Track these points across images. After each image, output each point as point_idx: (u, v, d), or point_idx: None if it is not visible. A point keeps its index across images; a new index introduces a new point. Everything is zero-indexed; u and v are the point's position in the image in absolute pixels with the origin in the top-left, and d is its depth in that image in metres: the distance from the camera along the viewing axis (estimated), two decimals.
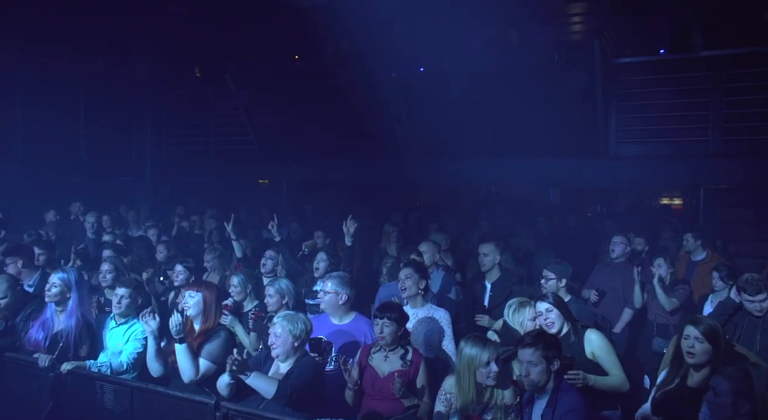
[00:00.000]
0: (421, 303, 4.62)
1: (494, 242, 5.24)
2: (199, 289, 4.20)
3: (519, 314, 4.18)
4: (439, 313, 4.55)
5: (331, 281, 4.37)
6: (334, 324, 4.38)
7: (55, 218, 9.17)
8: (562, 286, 4.79)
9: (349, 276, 4.56)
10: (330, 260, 5.81)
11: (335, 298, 4.33)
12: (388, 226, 7.46)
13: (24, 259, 5.62)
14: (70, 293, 4.62)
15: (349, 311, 4.42)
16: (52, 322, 4.65)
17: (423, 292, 4.62)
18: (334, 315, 4.39)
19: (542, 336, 3.34)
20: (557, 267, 4.86)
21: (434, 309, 4.60)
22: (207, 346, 4.02)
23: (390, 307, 3.97)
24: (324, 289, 4.38)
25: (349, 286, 4.38)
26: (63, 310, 4.62)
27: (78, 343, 4.57)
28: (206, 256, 6.50)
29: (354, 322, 4.38)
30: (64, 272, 4.71)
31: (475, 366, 3.44)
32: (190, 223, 9.58)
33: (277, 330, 3.78)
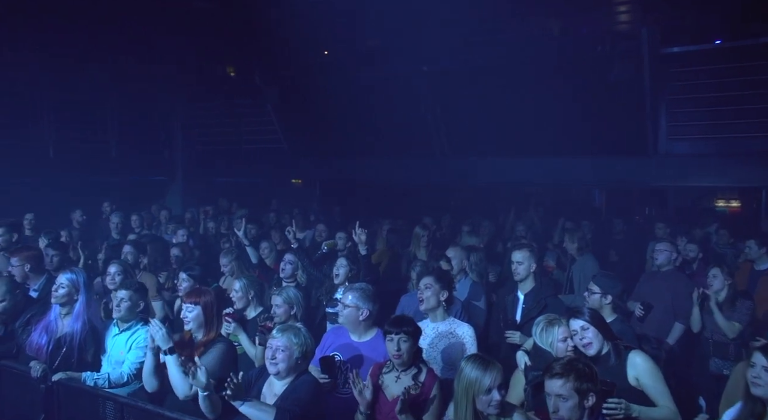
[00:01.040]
0: (441, 316, 4.17)
1: (529, 249, 4.71)
2: (198, 300, 3.86)
3: (547, 334, 3.67)
4: (463, 329, 4.08)
5: (352, 294, 3.95)
6: (352, 340, 3.96)
7: (81, 218, 9.08)
8: (607, 303, 4.24)
9: (372, 289, 4.11)
10: (350, 266, 5.45)
11: (355, 313, 3.91)
12: (418, 229, 7.04)
13: (32, 262, 5.38)
14: (77, 295, 4.38)
15: (370, 328, 3.98)
16: (55, 325, 4.41)
17: (445, 305, 4.15)
18: (354, 331, 3.97)
19: (574, 365, 2.80)
20: (604, 280, 4.30)
21: (457, 324, 4.14)
22: (203, 359, 3.67)
23: (405, 320, 3.53)
24: (344, 301, 3.96)
25: (371, 301, 3.94)
26: (68, 313, 4.39)
27: (83, 348, 4.32)
28: (222, 259, 6.18)
29: (374, 341, 3.93)
30: (72, 273, 4.47)
31: (474, 392, 2.96)
32: (216, 223, 9.35)
33: (280, 343, 3.37)
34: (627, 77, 8.08)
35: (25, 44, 9.82)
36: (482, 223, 8.64)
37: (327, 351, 3.92)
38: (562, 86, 8.62)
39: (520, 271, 4.61)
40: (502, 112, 9.16)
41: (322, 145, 11.27)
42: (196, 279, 5.12)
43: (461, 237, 7.64)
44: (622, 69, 8.06)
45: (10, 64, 9.72)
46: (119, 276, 5.10)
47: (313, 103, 10.90)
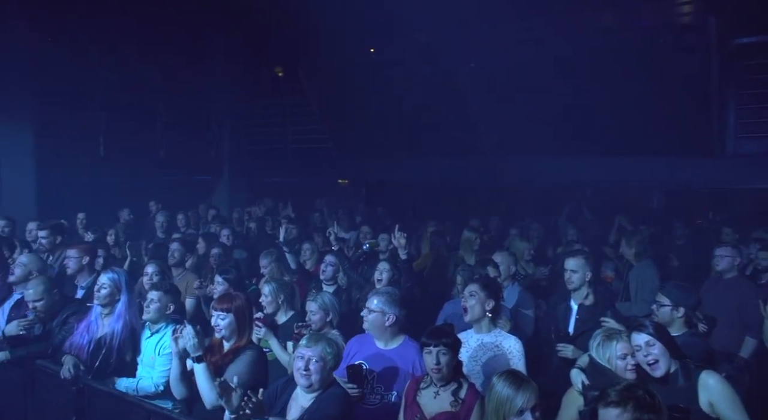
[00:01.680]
0: (487, 327, 3.85)
1: (584, 256, 4.33)
2: (230, 306, 3.66)
3: (605, 348, 3.32)
4: (509, 342, 3.76)
5: (378, 298, 3.71)
6: (378, 348, 3.71)
7: (128, 217, 9.16)
8: (680, 316, 3.77)
9: (398, 294, 3.87)
10: (393, 271, 5.21)
11: (380, 318, 3.66)
12: (468, 232, 6.71)
13: (90, 257, 5.37)
14: (119, 295, 4.31)
15: (396, 334, 3.73)
16: (96, 325, 4.35)
17: (490, 315, 3.84)
18: (379, 337, 3.72)
19: (633, 392, 2.40)
20: (675, 291, 3.82)
21: (504, 336, 3.81)
22: (232, 368, 3.48)
23: (444, 331, 3.26)
24: (369, 306, 3.73)
25: (397, 306, 3.70)
26: (109, 314, 4.32)
27: (122, 350, 4.23)
28: (262, 260, 6.03)
29: (401, 348, 3.68)
30: (113, 273, 4.40)
31: (505, 412, 2.70)
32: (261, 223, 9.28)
33: (313, 354, 3.14)
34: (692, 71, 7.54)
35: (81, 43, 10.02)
36: (532, 226, 8.26)
37: (352, 359, 3.68)
38: (621, 82, 8.20)
39: (574, 280, 4.25)
40: (555, 109, 8.80)
41: (368, 144, 11.09)
42: (232, 283, 4.96)
43: (510, 241, 7.28)
44: (687, 63, 7.53)
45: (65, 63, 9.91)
46: (157, 276, 5.02)
47: (359, 101, 10.74)
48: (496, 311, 3.86)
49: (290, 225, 8.35)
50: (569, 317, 4.29)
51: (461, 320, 3.94)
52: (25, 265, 5.05)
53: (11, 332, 4.43)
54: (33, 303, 4.47)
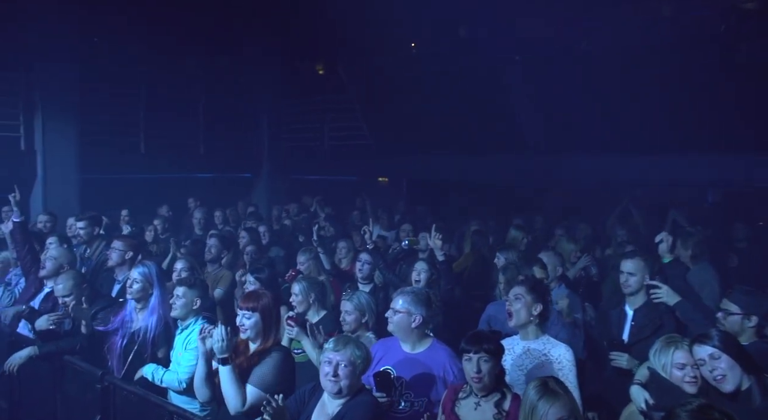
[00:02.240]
0: (534, 333, 3.54)
1: (643, 258, 3.97)
2: (255, 306, 3.47)
3: (662, 355, 3.02)
4: (559, 350, 3.43)
5: (403, 298, 3.46)
6: (404, 352, 3.46)
7: (167, 214, 9.16)
8: (751, 326, 3.36)
9: (426, 293, 3.62)
10: (431, 271, 4.99)
11: (406, 319, 3.40)
12: (515, 231, 6.40)
13: (134, 251, 5.30)
14: (152, 289, 4.27)
15: (424, 336, 3.48)
16: (131, 320, 4.32)
17: (538, 320, 3.53)
18: (405, 340, 3.46)
19: (708, 414, 2.09)
20: (744, 298, 3.41)
21: (552, 344, 3.49)
22: (257, 370, 3.30)
23: (485, 336, 2.99)
24: (393, 306, 3.48)
25: (425, 306, 3.44)
26: (143, 308, 4.28)
27: (155, 345, 4.16)
28: (300, 257, 5.90)
29: (430, 351, 3.42)
30: (144, 266, 4.36)
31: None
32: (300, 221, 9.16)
33: (341, 358, 2.94)
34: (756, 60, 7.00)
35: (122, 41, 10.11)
36: (578, 227, 7.86)
37: (377, 365, 3.43)
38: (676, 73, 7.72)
39: (632, 284, 3.90)
40: (605, 104, 8.36)
41: (408, 141, 10.84)
42: (263, 282, 4.79)
43: (556, 241, 6.91)
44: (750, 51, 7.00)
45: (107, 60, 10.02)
46: (185, 272, 4.92)
47: (400, 97, 10.50)
48: (543, 316, 3.55)
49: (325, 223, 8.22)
50: (624, 323, 3.95)
51: (505, 324, 3.66)
52: (55, 258, 5.05)
53: (41, 327, 4.40)
54: (62, 298, 4.43)
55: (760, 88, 7.26)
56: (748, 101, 7.49)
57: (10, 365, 4.36)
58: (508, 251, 5.51)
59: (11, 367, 4.35)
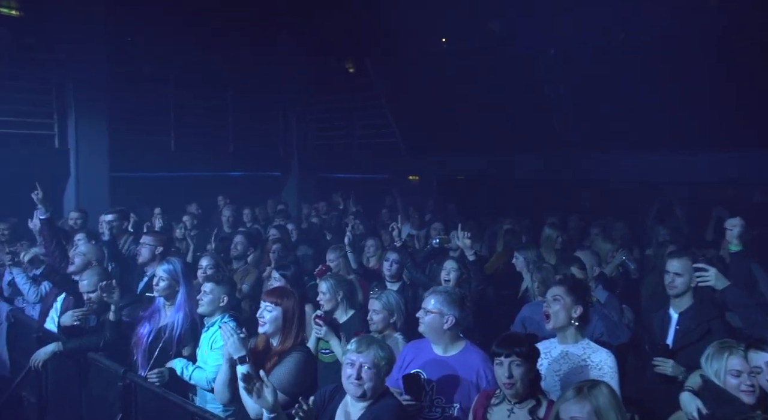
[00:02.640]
0: (573, 337, 3.33)
1: (691, 258, 3.71)
2: (279, 301, 3.37)
3: (715, 360, 2.80)
4: (600, 356, 3.21)
5: (435, 298, 3.30)
6: (436, 354, 3.29)
7: (196, 211, 9.16)
8: None
9: (459, 293, 3.45)
10: (461, 270, 4.83)
11: (438, 320, 3.24)
12: (549, 229, 6.18)
13: (164, 247, 5.29)
14: (178, 286, 4.19)
15: (456, 339, 3.31)
16: (159, 316, 4.28)
17: (577, 323, 3.33)
18: (437, 342, 3.30)
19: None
20: None
21: (593, 348, 3.27)
22: (276, 371, 3.19)
23: (517, 338, 2.82)
24: (425, 306, 3.33)
25: (458, 307, 3.28)
26: (171, 305, 4.22)
27: (181, 341, 4.09)
28: (329, 254, 5.82)
29: (463, 354, 3.25)
30: (169, 263, 4.28)
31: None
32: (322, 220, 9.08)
33: (365, 360, 2.80)
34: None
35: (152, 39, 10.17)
36: (615, 226, 7.58)
37: (407, 368, 3.30)
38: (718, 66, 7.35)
39: (678, 285, 3.65)
40: (640, 97, 8.09)
41: (438, 138, 10.65)
42: (289, 280, 4.68)
43: (593, 240, 6.66)
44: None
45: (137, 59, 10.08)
46: (211, 269, 4.85)
47: (430, 94, 10.32)
48: (583, 319, 3.34)
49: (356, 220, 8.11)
50: (668, 327, 3.70)
51: (540, 326, 3.47)
52: (84, 254, 5.05)
53: (66, 322, 4.38)
54: (87, 294, 4.39)
55: None
56: None
57: (35, 361, 4.35)
58: (527, 250, 5.37)
59: (36, 363, 4.35)
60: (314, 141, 12.99)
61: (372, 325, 3.89)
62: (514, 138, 9.57)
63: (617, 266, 5.46)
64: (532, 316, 4.00)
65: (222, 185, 10.40)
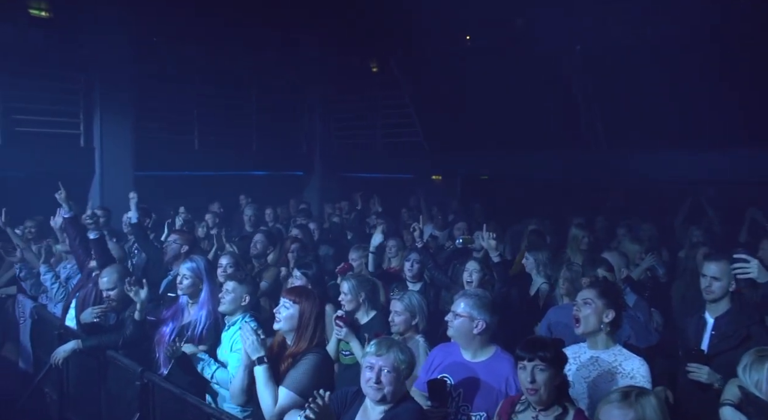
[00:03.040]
0: (604, 343, 3.17)
1: (730, 261, 3.51)
2: (298, 299, 3.30)
3: (755, 370, 2.65)
4: (633, 363, 3.05)
5: (465, 301, 3.19)
6: (464, 359, 3.18)
7: (219, 210, 9.18)
8: None
9: (491, 297, 3.33)
10: (484, 271, 4.71)
11: (468, 324, 3.13)
12: (576, 229, 6.04)
13: (190, 246, 5.32)
14: (202, 284, 4.20)
15: (486, 344, 3.19)
16: (182, 314, 4.28)
17: (609, 328, 3.17)
18: (466, 347, 3.19)
19: None
20: None
21: (625, 356, 3.10)
22: (292, 372, 3.11)
23: (542, 342, 2.70)
24: (455, 310, 3.22)
25: (489, 311, 3.17)
26: (195, 303, 4.23)
27: (203, 339, 4.07)
28: (352, 254, 5.80)
29: (492, 361, 3.13)
30: (192, 261, 4.30)
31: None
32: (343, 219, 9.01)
33: (384, 363, 2.73)
34: None
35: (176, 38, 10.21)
36: (642, 227, 7.38)
37: (434, 372, 3.19)
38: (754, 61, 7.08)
39: (715, 289, 3.47)
40: (669, 95, 7.88)
41: (462, 138, 10.50)
42: (310, 279, 4.63)
43: (621, 242, 6.48)
44: None
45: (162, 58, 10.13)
46: (231, 268, 4.83)
47: (454, 92, 10.19)
48: (616, 324, 3.18)
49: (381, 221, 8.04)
50: (703, 333, 3.53)
51: (568, 330, 3.34)
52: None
53: (86, 320, 4.38)
54: (106, 291, 4.39)
55: None
56: None
57: (55, 358, 4.37)
58: (538, 252, 5.28)
59: (56, 360, 4.36)
60: (337, 140, 12.93)
61: (393, 327, 3.80)
62: (539, 137, 9.39)
63: (645, 270, 5.28)
64: (559, 320, 3.87)
65: (245, 184, 10.40)
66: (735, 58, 7.48)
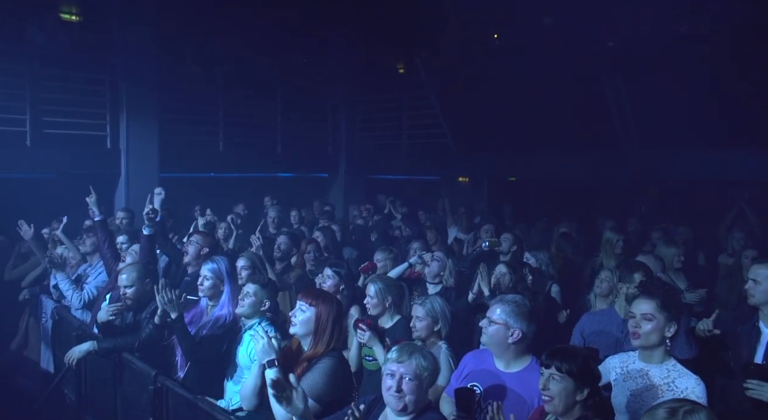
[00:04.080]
0: (659, 357, 2.90)
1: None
2: (315, 302, 3.16)
3: None
4: (688, 382, 2.79)
5: (501, 307, 3.00)
6: (497, 369, 3.00)
7: (243, 212, 9.13)
8: None
9: (529, 305, 3.13)
10: (511, 275, 4.54)
11: (503, 332, 2.95)
12: (610, 233, 5.81)
13: (210, 248, 5.22)
14: (223, 286, 4.13)
15: (522, 354, 2.99)
16: (200, 317, 4.22)
17: (669, 343, 2.91)
18: (500, 356, 3.00)
19: None
20: None
21: (679, 372, 2.84)
22: (307, 377, 2.97)
23: (565, 353, 2.49)
24: (490, 316, 3.03)
25: (526, 320, 2.97)
26: (215, 305, 4.15)
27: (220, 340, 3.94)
28: (377, 255, 5.68)
29: (526, 372, 2.94)
30: (213, 262, 4.23)
31: None
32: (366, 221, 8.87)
33: (406, 370, 2.57)
34: None
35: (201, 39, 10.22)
36: (678, 229, 7.08)
37: (465, 379, 3.02)
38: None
39: (757, 295, 3.21)
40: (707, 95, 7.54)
41: (490, 138, 10.29)
42: (342, 277, 4.52)
43: (655, 244, 6.21)
44: None
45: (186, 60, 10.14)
46: (246, 271, 4.74)
47: (481, 92, 9.97)
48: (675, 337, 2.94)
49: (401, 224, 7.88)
50: (756, 344, 3.25)
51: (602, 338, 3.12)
52: (137, 253, 5.10)
53: (102, 318, 4.32)
54: (124, 288, 4.34)
55: None
56: None
57: (69, 358, 4.31)
58: (538, 252, 5.18)
59: (70, 360, 4.30)
60: (363, 142, 12.81)
61: (415, 333, 3.64)
62: (568, 137, 9.14)
63: None
64: (593, 327, 3.63)
65: (270, 186, 10.34)
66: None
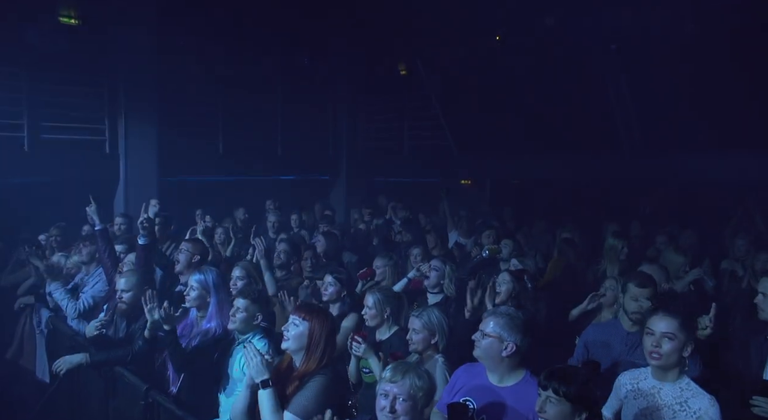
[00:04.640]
0: (674, 375, 2.83)
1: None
2: (309, 316, 3.07)
3: None
4: (701, 402, 2.72)
5: (494, 320, 2.92)
6: (490, 383, 2.92)
7: (243, 216, 9.05)
8: None
9: (523, 318, 3.04)
10: (514, 283, 4.45)
11: (497, 345, 2.87)
12: (613, 239, 5.70)
13: (201, 256, 5.14)
14: (209, 297, 4.06)
15: (515, 368, 2.91)
16: (190, 328, 4.16)
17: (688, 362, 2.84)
18: (493, 370, 2.92)
19: None
20: None
21: (693, 392, 2.78)
22: (298, 396, 2.90)
23: (563, 375, 2.42)
24: (483, 329, 2.95)
25: (520, 332, 2.89)
26: (203, 316, 4.09)
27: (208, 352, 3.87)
28: (377, 261, 5.57)
29: (520, 387, 2.86)
30: (200, 273, 4.16)
31: None
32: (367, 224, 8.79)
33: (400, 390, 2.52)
34: None
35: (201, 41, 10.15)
36: (683, 234, 6.95)
37: (457, 394, 2.94)
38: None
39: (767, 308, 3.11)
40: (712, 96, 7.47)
41: (492, 140, 10.23)
42: (344, 283, 4.45)
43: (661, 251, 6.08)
44: None
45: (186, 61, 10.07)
46: (241, 281, 4.66)
47: (483, 94, 9.89)
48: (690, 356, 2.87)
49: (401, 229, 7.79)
50: (766, 357, 3.15)
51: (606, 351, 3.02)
52: (132, 263, 5.03)
53: (90, 333, 4.24)
54: (120, 292, 4.29)
55: None
56: None
57: (58, 367, 4.23)
58: (525, 257, 5.13)
59: (58, 369, 4.22)
60: (364, 144, 12.76)
61: (411, 346, 3.54)
62: (572, 139, 9.06)
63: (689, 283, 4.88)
64: (597, 339, 3.53)
65: (271, 189, 10.26)
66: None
